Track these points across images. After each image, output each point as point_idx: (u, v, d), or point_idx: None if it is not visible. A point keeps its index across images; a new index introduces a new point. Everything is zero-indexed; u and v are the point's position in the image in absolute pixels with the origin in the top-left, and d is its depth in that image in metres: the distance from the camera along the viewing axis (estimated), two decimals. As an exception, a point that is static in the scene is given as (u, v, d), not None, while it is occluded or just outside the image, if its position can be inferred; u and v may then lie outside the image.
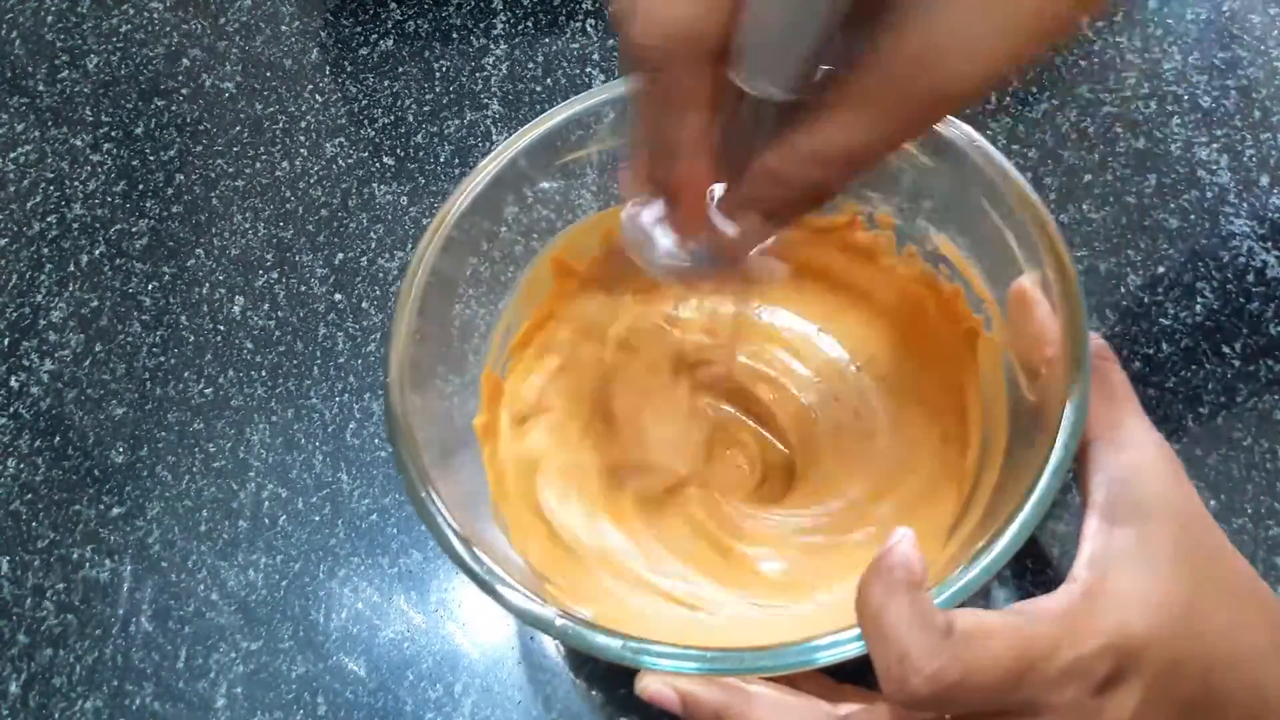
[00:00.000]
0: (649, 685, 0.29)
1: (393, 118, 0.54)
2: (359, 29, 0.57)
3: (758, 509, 0.38)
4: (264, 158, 0.53)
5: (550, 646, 0.39)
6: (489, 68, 0.55)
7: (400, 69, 0.56)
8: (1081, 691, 0.25)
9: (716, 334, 0.41)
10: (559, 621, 0.29)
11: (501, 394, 0.39)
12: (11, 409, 0.47)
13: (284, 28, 0.58)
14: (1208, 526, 0.29)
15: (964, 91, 0.23)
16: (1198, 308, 0.44)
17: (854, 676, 0.30)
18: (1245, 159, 0.47)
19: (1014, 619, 0.26)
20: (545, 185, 0.38)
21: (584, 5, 0.57)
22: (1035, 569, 0.39)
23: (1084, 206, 0.47)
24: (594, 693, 0.38)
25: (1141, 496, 0.28)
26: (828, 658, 0.27)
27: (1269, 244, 0.45)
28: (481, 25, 0.57)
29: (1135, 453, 0.29)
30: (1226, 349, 0.43)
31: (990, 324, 0.36)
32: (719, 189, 0.28)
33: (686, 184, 0.27)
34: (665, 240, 0.29)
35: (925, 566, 0.26)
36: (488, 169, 0.37)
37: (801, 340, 0.41)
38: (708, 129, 0.25)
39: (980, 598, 0.32)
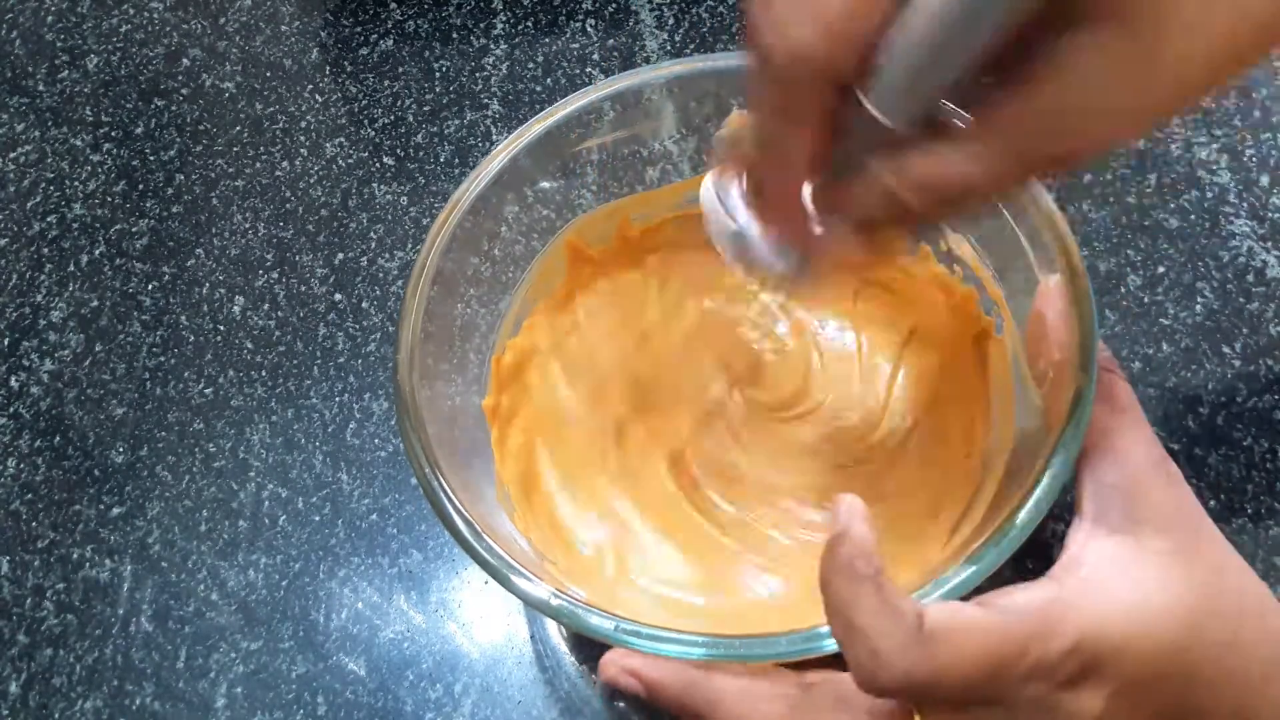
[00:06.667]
0: (610, 672, 0.29)
1: (393, 118, 0.54)
2: (359, 29, 0.57)
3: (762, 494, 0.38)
4: (264, 158, 0.53)
5: (555, 638, 0.39)
6: (489, 68, 0.55)
7: (400, 69, 0.56)
8: (1043, 688, 0.26)
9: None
10: (554, 601, 0.29)
11: (511, 379, 0.39)
12: (11, 409, 0.47)
13: (284, 28, 0.58)
14: (1211, 543, 0.28)
15: (1087, 154, 0.23)
16: (1198, 308, 0.44)
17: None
18: (1245, 159, 0.47)
19: (985, 616, 0.25)
20: (545, 185, 0.39)
21: (584, 5, 0.57)
22: (1036, 569, 0.39)
23: (1084, 206, 0.47)
24: (595, 679, 0.38)
25: (1136, 507, 0.28)
26: (832, 645, 0.27)
27: (1269, 244, 0.45)
28: (481, 25, 0.57)
29: (1133, 464, 0.29)
30: (1226, 349, 0.43)
31: (1001, 326, 0.36)
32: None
33: (783, 184, 0.27)
34: (742, 222, 0.30)
35: (876, 545, 0.25)
36: (499, 157, 0.37)
37: (822, 337, 0.42)
38: (819, 142, 0.25)
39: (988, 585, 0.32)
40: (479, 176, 0.37)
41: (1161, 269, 0.45)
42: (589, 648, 0.39)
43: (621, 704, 0.38)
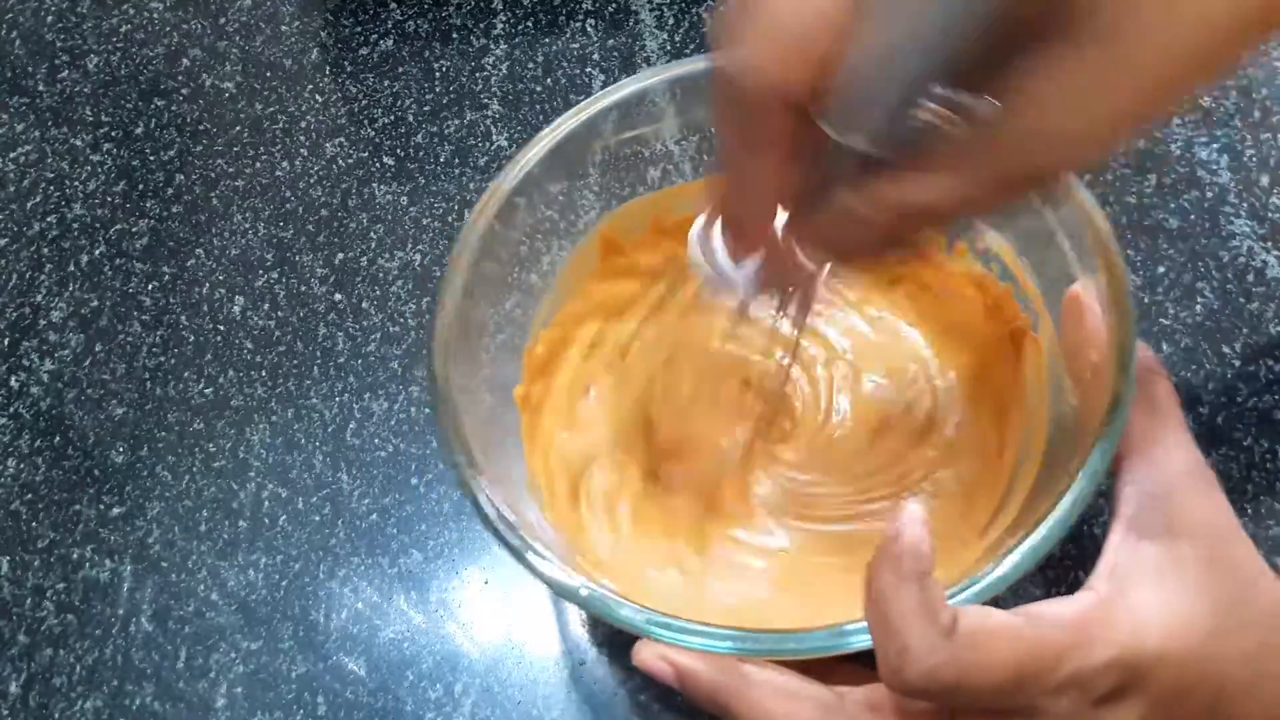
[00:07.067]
0: (643, 655, 0.29)
1: (393, 118, 0.54)
2: (359, 29, 0.57)
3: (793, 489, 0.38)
4: (264, 158, 0.53)
5: (580, 632, 0.39)
6: (489, 68, 0.55)
7: (400, 69, 0.56)
8: (1080, 702, 0.25)
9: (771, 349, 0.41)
10: (585, 592, 0.29)
11: (541, 370, 0.39)
12: (11, 409, 0.47)
13: (284, 28, 0.58)
14: (1243, 550, 0.28)
15: (1055, 174, 0.23)
16: (1198, 308, 0.44)
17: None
18: (1245, 159, 0.48)
19: (1020, 624, 0.25)
20: (552, 188, 0.39)
21: (584, 5, 0.57)
22: (1068, 567, 0.39)
23: (1084, 207, 0.47)
24: (597, 680, 0.38)
25: (1172, 514, 0.28)
26: (859, 642, 0.27)
27: (1269, 244, 0.45)
28: (481, 25, 0.57)
29: (1170, 469, 0.29)
30: (1226, 349, 0.43)
31: (1037, 324, 0.36)
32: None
33: (751, 213, 0.28)
34: (722, 263, 0.30)
35: (933, 550, 0.25)
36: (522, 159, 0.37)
37: (856, 334, 0.42)
38: (783, 170, 0.26)
39: (1008, 595, 0.31)
40: (513, 168, 0.37)
41: (1161, 269, 0.45)
42: (615, 641, 0.39)
43: (643, 696, 0.38)
